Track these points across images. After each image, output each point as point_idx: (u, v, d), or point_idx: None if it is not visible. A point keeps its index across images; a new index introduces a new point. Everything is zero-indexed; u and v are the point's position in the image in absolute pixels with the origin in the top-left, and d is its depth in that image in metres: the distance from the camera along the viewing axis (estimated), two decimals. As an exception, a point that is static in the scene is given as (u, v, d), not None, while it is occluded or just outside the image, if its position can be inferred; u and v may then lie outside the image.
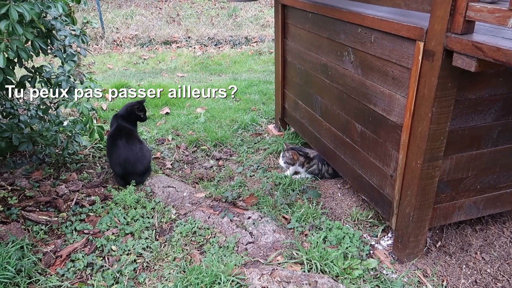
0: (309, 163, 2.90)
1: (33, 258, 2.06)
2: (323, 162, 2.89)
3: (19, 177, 2.73)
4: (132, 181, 2.67)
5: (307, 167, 2.89)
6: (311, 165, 2.90)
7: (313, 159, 2.91)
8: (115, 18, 8.09)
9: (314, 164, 2.90)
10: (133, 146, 2.71)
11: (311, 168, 2.89)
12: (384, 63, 2.02)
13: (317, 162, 2.90)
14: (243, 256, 2.07)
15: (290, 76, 3.27)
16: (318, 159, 2.90)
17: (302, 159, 2.89)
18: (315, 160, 2.91)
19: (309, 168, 2.89)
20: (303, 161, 2.89)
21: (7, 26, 1.76)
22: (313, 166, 2.89)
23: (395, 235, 2.10)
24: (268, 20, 8.43)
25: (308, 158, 2.90)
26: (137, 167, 2.70)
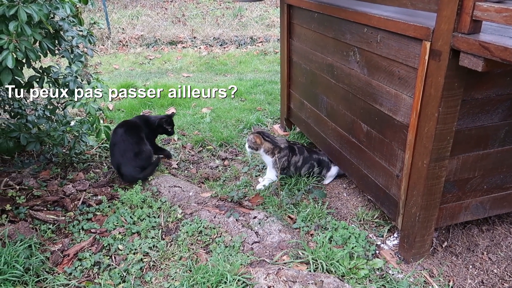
0: (279, 152, 2.68)
1: (41, 256, 2.07)
2: (291, 156, 2.71)
3: (27, 177, 2.75)
4: (124, 172, 2.71)
5: (276, 157, 2.67)
6: (281, 155, 2.68)
7: (283, 150, 2.70)
8: (121, 19, 8.13)
9: (284, 156, 2.70)
10: (133, 141, 2.75)
11: (281, 159, 2.69)
12: (390, 63, 2.01)
13: (287, 154, 2.71)
14: (249, 256, 2.07)
15: (296, 76, 3.27)
16: (289, 151, 2.72)
17: (269, 145, 2.66)
18: (286, 152, 2.71)
19: (279, 159, 2.68)
20: (270, 148, 2.67)
21: (16, 27, 1.78)
22: (284, 157, 2.69)
23: (401, 235, 2.10)
24: (273, 20, 8.43)
25: (277, 146, 2.69)
26: (128, 159, 2.72)
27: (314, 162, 2.79)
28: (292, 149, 2.76)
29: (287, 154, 2.73)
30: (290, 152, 2.74)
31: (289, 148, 2.75)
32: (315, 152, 2.88)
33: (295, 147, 2.78)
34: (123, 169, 2.71)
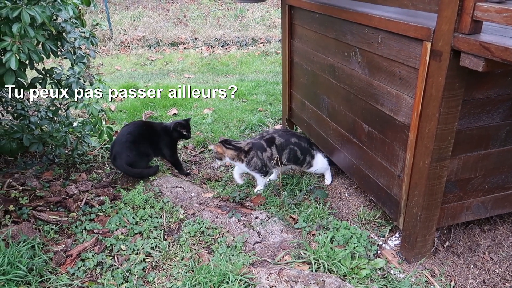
0: (246, 156, 2.58)
1: (44, 257, 2.09)
2: (261, 153, 2.59)
3: (30, 178, 2.77)
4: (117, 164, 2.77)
5: (246, 161, 2.60)
6: (249, 159, 2.58)
7: (249, 152, 2.58)
8: (123, 20, 8.16)
9: (253, 157, 2.58)
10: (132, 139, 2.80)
11: (251, 162, 2.59)
12: (391, 63, 2.02)
13: (255, 154, 2.59)
14: (250, 256, 2.08)
15: (297, 77, 3.28)
16: (256, 150, 2.59)
17: (232, 152, 2.58)
18: (253, 152, 2.59)
19: (248, 162, 2.60)
20: (234, 154, 2.58)
21: (19, 28, 1.80)
22: (253, 159, 2.58)
23: (403, 235, 2.10)
24: (274, 21, 8.45)
25: (241, 151, 2.58)
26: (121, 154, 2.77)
27: (294, 146, 2.65)
28: (260, 146, 2.61)
29: (255, 155, 2.60)
30: (258, 150, 2.60)
31: (256, 145, 2.61)
32: (293, 135, 2.74)
33: (262, 142, 2.62)
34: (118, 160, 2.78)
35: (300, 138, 2.76)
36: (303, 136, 2.83)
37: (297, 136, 2.77)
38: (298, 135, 2.80)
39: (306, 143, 2.77)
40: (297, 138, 2.73)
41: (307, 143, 2.79)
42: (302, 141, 2.74)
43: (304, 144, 2.74)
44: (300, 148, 2.70)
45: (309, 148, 2.76)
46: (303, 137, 2.82)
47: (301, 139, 2.76)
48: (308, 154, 2.74)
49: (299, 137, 2.77)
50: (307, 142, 2.78)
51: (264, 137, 2.67)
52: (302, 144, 2.72)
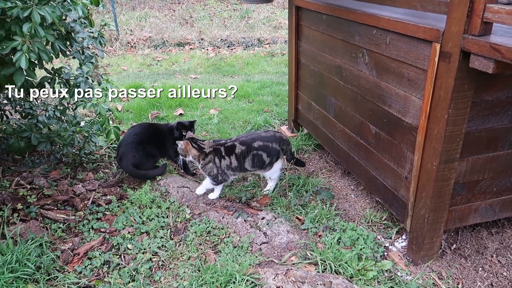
0: (204, 159, 2.50)
1: (51, 255, 2.10)
2: (220, 160, 2.49)
3: (38, 176, 2.78)
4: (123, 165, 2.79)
5: (202, 164, 2.53)
6: (205, 162, 2.50)
7: (207, 155, 2.50)
8: (129, 20, 8.19)
9: (209, 162, 2.49)
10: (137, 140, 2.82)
11: (206, 166, 2.51)
12: (399, 65, 2.01)
13: (213, 159, 2.49)
14: (257, 256, 2.08)
15: (304, 78, 3.28)
16: (215, 155, 2.49)
17: (195, 152, 2.50)
18: (211, 157, 2.50)
19: (204, 166, 2.52)
20: (196, 155, 2.50)
21: (30, 28, 1.81)
22: (209, 164, 2.50)
23: (410, 237, 2.10)
24: (280, 22, 8.45)
25: (202, 152, 2.50)
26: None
27: (257, 151, 2.50)
28: (219, 153, 2.51)
29: (212, 160, 2.49)
30: (216, 156, 2.50)
31: (216, 151, 2.51)
32: (258, 139, 2.53)
33: (221, 149, 2.51)
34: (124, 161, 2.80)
35: (268, 140, 2.55)
36: (275, 137, 2.60)
37: (266, 138, 2.55)
38: (267, 137, 2.57)
39: (277, 143, 2.57)
40: (264, 141, 2.53)
41: (279, 143, 2.58)
42: (271, 143, 2.55)
43: (274, 145, 2.55)
44: (267, 151, 2.53)
45: (279, 150, 2.58)
46: (275, 138, 2.58)
47: (270, 140, 2.55)
48: (275, 156, 2.57)
49: (268, 139, 2.55)
50: (278, 143, 2.58)
51: (226, 144, 2.54)
52: (270, 145, 2.54)
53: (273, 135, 2.62)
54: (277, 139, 2.60)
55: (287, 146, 2.67)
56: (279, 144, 2.59)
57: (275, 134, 2.65)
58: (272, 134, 2.63)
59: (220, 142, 2.58)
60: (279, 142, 2.60)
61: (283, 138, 2.67)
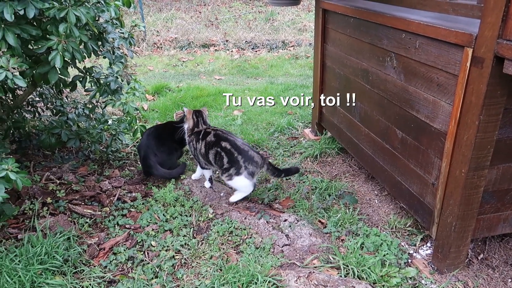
0: (189, 136, 2.65)
1: (78, 249, 2.16)
2: (196, 142, 2.58)
3: (66, 172, 2.87)
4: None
5: (187, 141, 2.68)
6: (189, 140, 2.66)
7: (191, 135, 2.63)
8: (156, 22, 8.34)
9: (190, 142, 2.63)
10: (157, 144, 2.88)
11: (189, 145, 2.66)
12: (429, 69, 1.98)
13: (193, 140, 2.62)
14: (279, 258, 2.09)
15: (329, 81, 3.27)
16: (195, 137, 2.61)
17: (191, 123, 2.64)
18: (193, 137, 2.62)
19: (188, 144, 2.67)
20: (190, 127, 2.65)
21: (65, 28, 1.87)
22: (190, 143, 2.64)
23: (435, 245, 2.06)
24: (305, 25, 8.43)
25: (193, 128, 2.64)
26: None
27: (221, 151, 2.47)
28: (198, 133, 2.59)
29: (192, 140, 2.61)
30: (195, 138, 2.60)
31: (197, 133, 2.60)
32: (227, 140, 2.49)
33: (203, 131, 2.58)
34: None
35: (238, 149, 2.46)
36: (246, 152, 2.48)
37: (237, 146, 2.48)
38: (240, 147, 2.48)
39: (244, 159, 2.45)
40: (231, 146, 2.47)
41: (246, 159, 2.45)
42: (239, 153, 2.46)
43: (238, 157, 2.46)
44: (229, 157, 2.47)
45: (241, 165, 2.46)
46: (246, 154, 2.47)
47: (240, 151, 2.46)
48: (235, 166, 2.47)
49: (239, 149, 2.47)
50: (245, 159, 2.45)
51: (206, 129, 2.60)
52: (234, 154, 2.46)
53: (247, 150, 2.48)
54: (247, 156, 2.46)
55: (255, 167, 2.49)
56: (244, 160, 2.45)
57: (252, 152, 2.49)
58: (248, 149, 2.49)
59: (207, 127, 2.65)
60: (247, 158, 2.45)
61: (254, 158, 2.48)
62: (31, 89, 2.49)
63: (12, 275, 1.88)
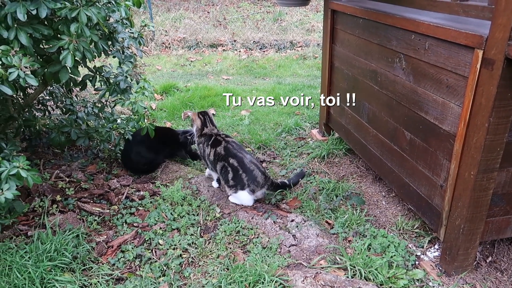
0: (199, 137, 2.76)
1: (87, 246, 2.18)
2: (206, 145, 2.66)
3: (76, 170, 2.89)
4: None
5: (197, 142, 2.78)
6: (198, 142, 2.76)
7: (202, 137, 2.73)
8: (165, 21, 8.38)
9: (200, 143, 2.74)
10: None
11: (199, 146, 2.76)
12: (438, 71, 1.98)
13: (203, 142, 2.70)
14: (286, 258, 2.09)
15: (337, 81, 3.26)
16: (205, 140, 2.68)
17: (199, 123, 2.75)
18: (203, 139, 2.72)
19: (198, 144, 2.78)
20: (199, 128, 2.76)
21: (77, 28, 1.89)
22: (199, 145, 2.74)
23: (443, 247, 2.05)
24: (313, 25, 8.42)
25: (202, 129, 2.74)
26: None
27: (228, 166, 2.53)
28: (209, 138, 2.66)
29: (203, 142, 2.69)
30: (206, 141, 2.67)
31: (208, 136, 2.67)
32: (235, 156, 2.52)
33: (214, 137, 2.65)
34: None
35: (245, 168, 2.49)
36: (251, 171, 2.50)
37: (244, 165, 2.50)
38: (247, 167, 2.50)
39: (246, 173, 2.48)
40: (238, 163, 2.50)
41: (251, 179, 2.48)
42: (245, 172, 2.49)
43: (243, 175, 2.49)
44: (234, 171, 2.51)
45: (245, 183, 2.50)
46: (251, 174, 2.49)
47: (246, 170, 2.49)
48: (240, 184, 2.51)
49: (246, 168, 2.49)
50: (251, 178, 2.48)
51: (219, 135, 2.68)
52: (239, 171, 2.50)
53: (252, 169, 2.50)
54: (252, 177, 2.49)
55: (256, 186, 2.52)
56: (248, 178, 2.49)
57: (257, 171, 2.51)
58: (253, 168, 2.50)
59: (218, 132, 2.74)
60: (252, 178, 2.49)
61: (257, 178, 2.51)
62: (42, 88, 2.52)
63: (22, 271, 1.91)
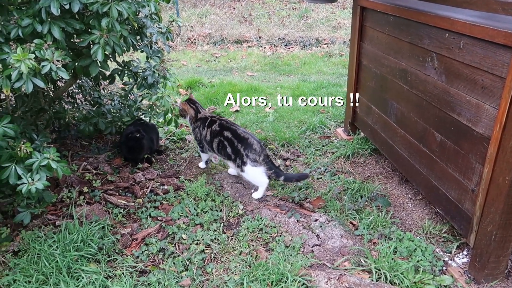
0: (194, 123, 2.85)
1: (112, 238, 2.21)
2: (202, 128, 2.76)
3: (102, 163, 2.94)
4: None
5: (193, 126, 2.87)
6: (194, 126, 2.85)
7: (197, 121, 2.83)
8: (191, 17, 8.42)
9: (196, 127, 2.83)
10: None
11: (195, 131, 2.85)
12: (473, 71, 1.90)
13: (199, 126, 2.80)
14: (309, 258, 2.07)
15: (364, 80, 3.20)
16: (201, 123, 2.80)
17: (192, 112, 2.86)
18: (199, 123, 2.82)
19: (193, 130, 2.87)
20: (193, 116, 2.85)
21: (107, 23, 1.92)
22: (195, 129, 2.84)
23: (473, 254, 1.98)
24: (339, 22, 8.29)
25: (196, 115, 2.85)
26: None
27: (224, 140, 2.62)
28: (205, 121, 2.78)
29: (199, 126, 2.80)
30: (202, 124, 2.78)
31: (203, 119, 2.80)
32: (230, 130, 2.64)
33: (209, 119, 2.77)
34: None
35: (238, 137, 2.59)
36: (246, 140, 2.58)
37: (236, 134, 2.61)
38: (237, 132, 2.61)
39: (242, 144, 2.57)
40: (233, 135, 2.60)
41: (244, 145, 2.57)
42: (237, 140, 2.58)
43: (238, 145, 2.58)
44: (232, 146, 2.60)
45: (242, 152, 2.57)
46: (245, 141, 2.58)
47: (240, 139, 2.58)
48: (238, 157, 2.59)
49: (239, 137, 2.59)
50: (243, 144, 2.57)
51: (212, 117, 2.80)
52: (235, 143, 2.59)
53: (248, 137, 2.58)
54: (247, 145, 2.55)
55: (255, 154, 2.55)
56: (245, 148, 2.55)
57: (253, 138, 2.60)
58: (250, 136, 2.60)
59: (211, 115, 2.86)
60: (248, 146, 2.55)
61: (253, 145, 2.56)
62: (72, 81, 2.57)
63: (50, 260, 1.96)
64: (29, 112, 2.52)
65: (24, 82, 1.70)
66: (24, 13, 1.85)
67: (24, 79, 1.70)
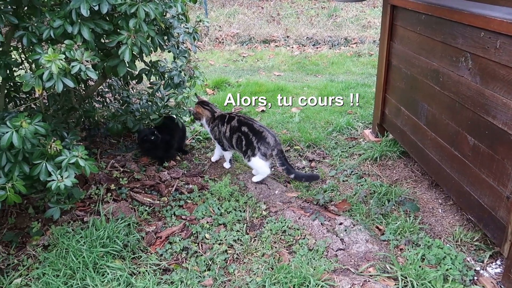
0: (212, 122, 2.89)
1: (137, 235, 2.25)
2: (220, 126, 2.81)
3: (129, 161, 3.00)
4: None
5: (210, 127, 2.91)
6: (213, 126, 2.89)
7: (215, 120, 2.87)
8: (219, 17, 8.47)
9: (215, 126, 2.87)
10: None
11: (214, 130, 2.88)
12: (510, 72, 1.81)
13: (218, 124, 2.85)
14: (332, 262, 2.03)
15: (394, 81, 3.12)
16: (219, 121, 2.85)
17: (208, 114, 2.90)
18: (217, 121, 2.86)
19: (212, 129, 2.90)
20: (209, 117, 2.90)
21: (135, 23, 1.95)
22: (214, 128, 2.87)
23: (507, 264, 1.89)
24: (369, 21, 8.13)
25: (213, 115, 2.90)
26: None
27: (242, 135, 2.72)
28: (223, 118, 2.85)
29: (218, 125, 2.85)
30: (220, 122, 2.85)
31: (221, 117, 2.87)
32: (246, 125, 2.73)
33: (226, 116, 2.85)
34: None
35: (254, 131, 2.69)
36: (261, 134, 2.68)
37: (251, 126, 2.71)
38: (253, 127, 2.71)
39: (255, 136, 2.68)
40: (248, 128, 2.71)
41: (258, 138, 2.67)
42: (252, 133, 2.69)
43: (252, 138, 2.69)
44: (247, 139, 2.70)
45: (254, 145, 2.68)
46: (260, 135, 2.68)
47: (255, 132, 2.69)
48: (250, 149, 2.70)
49: (255, 131, 2.69)
50: (257, 137, 2.67)
51: (230, 114, 2.87)
52: (250, 136, 2.70)
53: (262, 131, 2.68)
54: (261, 138, 2.66)
55: (267, 149, 2.66)
56: (258, 140, 2.66)
57: (269, 133, 2.70)
58: (265, 130, 2.70)
59: (228, 112, 2.93)
60: (262, 140, 2.66)
61: (267, 139, 2.66)
62: (101, 80, 2.63)
63: (78, 255, 2.01)
64: (60, 111, 2.60)
65: (55, 82, 1.75)
66: (56, 15, 1.90)
67: (54, 79, 1.74)
